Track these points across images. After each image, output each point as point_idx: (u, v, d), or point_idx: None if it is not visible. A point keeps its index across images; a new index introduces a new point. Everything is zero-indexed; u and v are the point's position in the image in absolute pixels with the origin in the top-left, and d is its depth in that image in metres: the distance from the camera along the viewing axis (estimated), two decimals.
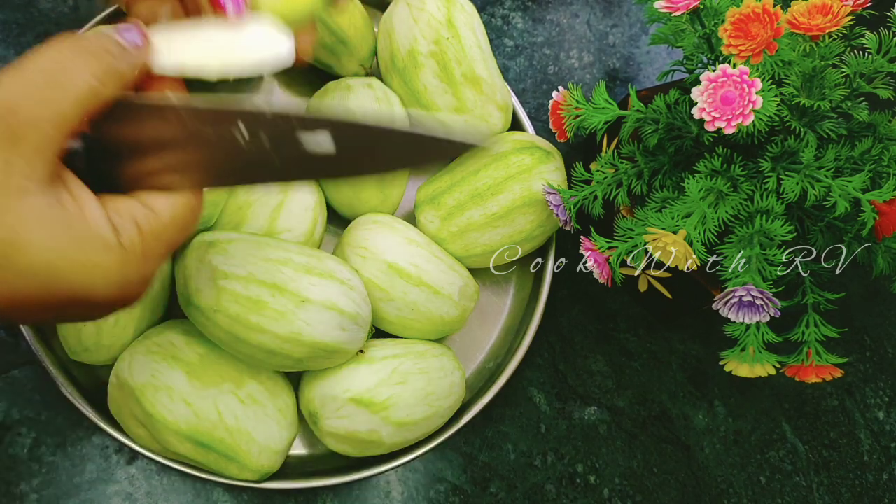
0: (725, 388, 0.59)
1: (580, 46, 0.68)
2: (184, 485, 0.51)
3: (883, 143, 0.44)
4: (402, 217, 0.56)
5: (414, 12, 0.54)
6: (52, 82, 0.26)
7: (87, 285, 0.27)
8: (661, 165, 0.49)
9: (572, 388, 0.58)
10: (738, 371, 0.44)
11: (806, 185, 0.42)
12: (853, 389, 0.61)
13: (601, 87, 0.50)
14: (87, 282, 0.27)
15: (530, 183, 0.53)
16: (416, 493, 0.53)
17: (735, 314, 0.42)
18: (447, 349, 0.53)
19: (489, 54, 0.56)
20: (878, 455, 0.59)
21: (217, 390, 0.46)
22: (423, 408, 0.49)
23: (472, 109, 0.55)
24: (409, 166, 0.32)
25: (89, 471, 0.50)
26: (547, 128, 0.63)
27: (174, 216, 0.30)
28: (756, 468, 0.58)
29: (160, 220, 0.30)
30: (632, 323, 0.60)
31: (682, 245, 0.42)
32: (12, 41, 0.58)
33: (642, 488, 0.56)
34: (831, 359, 0.44)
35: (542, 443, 0.56)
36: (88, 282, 0.27)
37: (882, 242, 0.44)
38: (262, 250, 0.46)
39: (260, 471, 0.48)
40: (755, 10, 0.40)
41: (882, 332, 0.63)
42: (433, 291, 0.51)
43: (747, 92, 0.40)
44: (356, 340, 0.48)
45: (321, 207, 0.54)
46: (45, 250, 0.26)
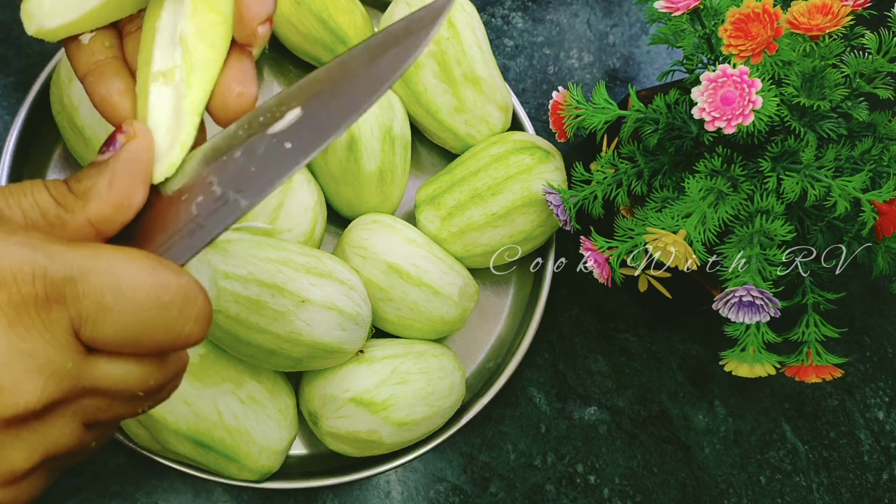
0: (725, 388, 0.59)
1: (580, 46, 0.68)
2: (184, 485, 0.51)
3: (883, 143, 0.44)
4: (402, 217, 0.56)
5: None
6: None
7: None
8: (661, 165, 0.49)
9: (572, 388, 0.58)
10: (738, 371, 0.44)
11: (806, 185, 0.42)
12: (853, 389, 0.61)
13: (601, 87, 0.50)
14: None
15: (530, 183, 0.53)
16: (416, 493, 0.53)
17: (735, 314, 0.42)
18: (447, 349, 0.53)
19: (489, 54, 0.56)
20: (878, 455, 0.59)
21: (217, 390, 0.46)
22: (423, 408, 0.49)
23: (472, 109, 0.55)
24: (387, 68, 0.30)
25: (89, 471, 0.50)
26: (547, 128, 0.63)
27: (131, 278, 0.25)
28: (756, 468, 0.58)
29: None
30: (632, 323, 0.60)
31: (682, 245, 0.42)
32: (13, 41, 0.58)
33: (642, 488, 0.56)
34: (831, 359, 0.44)
35: (542, 443, 0.56)
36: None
37: (882, 242, 0.44)
38: (262, 250, 0.46)
39: (260, 471, 0.48)
40: (755, 10, 0.40)
41: (882, 332, 0.63)
42: (433, 291, 0.51)
43: (747, 92, 0.40)
44: (356, 340, 0.48)
45: (321, 207, 0.54)
46: None
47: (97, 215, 0.27)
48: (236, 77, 0.31)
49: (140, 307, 0.25)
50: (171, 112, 0.29)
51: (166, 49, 0.30)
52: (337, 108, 0.29)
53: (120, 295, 0.24)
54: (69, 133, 0.51)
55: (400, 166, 0.55)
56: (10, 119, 0.53)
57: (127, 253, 0.25)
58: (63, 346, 0.24)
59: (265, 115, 0.29)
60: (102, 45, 0.32)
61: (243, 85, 0.31)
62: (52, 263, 0.24)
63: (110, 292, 0.24)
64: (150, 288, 0.25)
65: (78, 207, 0.27)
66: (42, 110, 0.53)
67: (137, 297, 0.25)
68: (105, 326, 0.24)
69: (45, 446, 0.24)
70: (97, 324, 0.24)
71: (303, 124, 0.29)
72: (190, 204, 0.28)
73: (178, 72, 0.29)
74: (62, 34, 0.31)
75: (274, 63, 0.61)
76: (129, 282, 0.25)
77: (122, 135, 0.28)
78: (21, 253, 0.23)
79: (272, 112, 0.29)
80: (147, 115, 0.29)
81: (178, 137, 0.29)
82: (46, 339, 0.23)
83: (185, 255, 0.28)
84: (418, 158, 0.61)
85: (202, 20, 0.30)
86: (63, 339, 0.24)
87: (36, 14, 0.30)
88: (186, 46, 0.29)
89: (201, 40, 0.30)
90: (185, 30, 0.29)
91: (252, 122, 0.29)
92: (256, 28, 0.30)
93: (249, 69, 0.31)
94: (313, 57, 0.58)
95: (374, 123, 0.52)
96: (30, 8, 0.30)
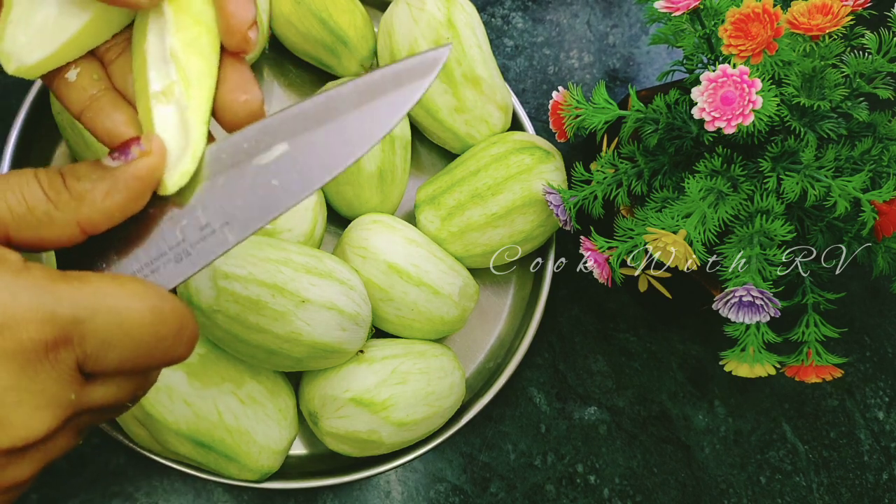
0: (725, 388, 0.59)
1: (580, 46, 0.68)
2: (184, 485, 0.51)
3: (883, 143, 0.44)
4: (402, 217, 0.56)
5: (414, 12, 0.54)
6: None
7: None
8: (661, 165, 0.49)
9: (572, 388, 0.58)
10: (738, 371, 0.44)
11: (806, 185, 0.42)
12: (853, 389, 0.61)
13: (601, 87, 0.50)
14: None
15: (530, 183, 0.53)
16: (416, 493, 0.53)
17: (735, 314, 0.42)
18: (447, 349, 0.53)
19: (489, 54, 0.56)
20: (878, 455, 0.59)
21: (217, 390, 0.46)
22: (423, 408, 0.49)
23: (472, 109, 0.55)
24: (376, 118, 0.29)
25: (89, 471, 0.50)
26: (547, 128, 0.63)
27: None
28: (756, 468, 0.58)
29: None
30: (632, 323, 0.60)
31: (682, 245, 0.42)
32: None
33: (642, 488, 0.56)
34: (831, 359, 0.44)
35: (542, 443, 0.56)
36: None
37: (882, 242, 0.44)
38: (262, 250, 0.46)
39: (260, 471, 0.48)
40: (755, 10, 0.40)
41: (882, 332, 0.63)
42: (433, 291, 0.51)
43: (747, 92, 0.40)
44: (356, 340, 0.48)
45: (321, 207, 0.54)
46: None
47: (86, 219, 0.27)
48: (238, 85, 0.31)
49: (140, 342, 0.26)
50: (178, 126, 0.29)
51: (160, 68, 0.30)
52: (325, 153, 0.29)
53: (123, 333, 0.25)
54: (69, 133, 0.51)
55: (400, 166, 0.55)
56: (10, 119, 0.53)
57: (125, 287, 0.26)
58: (68, 381, 0.25)
59: (249, 142, 0.29)
60: (91, 79, 0.32)
61: (247, 91, 0.31)
62: (59, 306, 0.24)
63: (114, 331, 0.25)
64: (151, 325, 0.26)
65: (70, 208, 0.27)
66: (42, 110, 0.53)
67: (139, 333, 0.26)
68: (107, 360, 0.26)
69: (45, 459, 0.26)
70: (99, 358, 0.25)
71: (290, 163, 0.29)
72: (175, 226, 0.28)
73: (177, 87, 0.29)
74: (44, 69, 0.31)
75: (274, 63, 0.61)
76: (131, 320, 0.25)
77: (137, 147, 0.28)
78: (30, 298, 0.24)
79: (256, 141, 0.29)
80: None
81: (188, 148, 0.29)
82: (54, 379, 0.24)
83: (173, 280, 0.28)
84: (418, 158, 0.61)
85: (187, 33, 0.30)
86: (68, 375, 0.25)
87: (14, 51, 0.30)
88: (178, 61, 0.29)
89: (192, 53, 0.30)
90: (174, 45, 0.29)
91: (236, 148, 0.29)
92: (247, 33, 0.30)
93: (248, 75, 0.31)
94: (313, 57, 0.58)
95: None
96: (6, 47, 0.30)
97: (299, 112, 0.29)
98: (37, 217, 0.26)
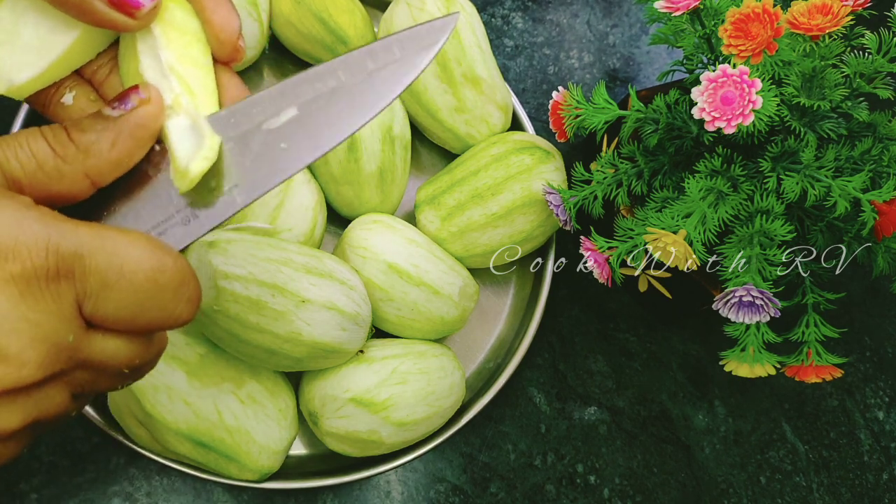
0: (725, 388, 0.59)
1: (580, 46, 0.68)
2: (184, 485, 0.51)
3: (883, 143, 0.44)
4: (402, 217, 0.56)
5: (414, 12, 0.54)
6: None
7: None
8: (661, 165, 0.49)
9: (572, 388, 0.58)
10: (738, 371, 0.44)
11: (806, 185, 0.42)
12: (853, 389, 0.61)
13: (601, 87, 0.50)
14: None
15: (530, 183, 0.53)
16: (416, 493, 0.53)
17: (735, 314, 0.42)
18: (447, 349, 0.53)
19: (489, 54, 0.56)
20: (878, 455, 0.59)
21: (217, 390, 0.46)
22: (424, 408, 0.49)
23: (472, 109, 0.55)
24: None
25: (89, 471, 0.50)
26: (547, 128, 0.63)
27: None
28: (756, 468, 0.58)
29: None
30: (632, 323, 0.60)
31: (682, 245, 0.42)
32: None
33: (642, 488, 0.56)
34: (831, 359, 0.44)
35: (542, 443, 0.56)
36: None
37: (882, 242, 0.44)
38: (262, 250, 0.46)
39: (260, 471, 0.48)
40: (755, 10, 0.40)
41: (882, 332, 0.63)
42: (433, 291, 0.51)
43: (747, 92, 0.40)
44: (356, 340, 0.48)
45: (321, 207, 0.54)
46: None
47: (95, 170, 0.28)
48: (235, 95, 0.32)
49: (139, 287, 0.26)
50: (192, 135, 0.30)
51: (162, 83, 0.30)
52: (334, 117, 0.29)
53: (122, 274, 0.26)
54: None
55: (400, 166, 0.55)
56: (10, 119, 0.53)
57: (129, 235, 0.26)
58: (67, 318, 0.25)
59: (257, 107, 0.29)
60: (88, 100, 0.32)
61: (243, 97, 0.32)
62: (63, 240, 0.25)
63: (113, 271, 0.26)
64: (149, 271, 0.26)
65: (78, 160, 0.27)
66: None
67: (137, 277, 0.26)
68: (106, 303, 0.26)
69: (37, 411, 0.26)
70: (99, 300, 0.26)
71: (299, 126, 0.29)
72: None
73: (183, 98, 0.30)
74: (33, 88, 0.31)
75: (274, 63, 0.61)
76: (130, 263, 0.26)
77: (136, 96, 0.28)
78: (36, 228, 0.24)
79: (265, 105, 0.29)
80: (174, 151, 0.29)
81: (201, 150, 0.29)
82: (53, 311, 0.25)
83: (180, 242, 0.29)
84: (418, 158, 0.61)
85: (178, 45, 0.30)
86: (68, 311, 0.25)
87: (3, 71, 0.30)
88: (178, 73, 0.30)
89: (187, 63, 0.30)
90: (169, 59, 0.30)
91: (245, 112, 0.29)
92: (237, 43, 0.31)
93: (239, 82, 0.32)
94: (313, 57, 0.58)
95: (373, 123, 0.52)
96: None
97: (309, 77, 0.30)
98: (47, 172, 0.27)
